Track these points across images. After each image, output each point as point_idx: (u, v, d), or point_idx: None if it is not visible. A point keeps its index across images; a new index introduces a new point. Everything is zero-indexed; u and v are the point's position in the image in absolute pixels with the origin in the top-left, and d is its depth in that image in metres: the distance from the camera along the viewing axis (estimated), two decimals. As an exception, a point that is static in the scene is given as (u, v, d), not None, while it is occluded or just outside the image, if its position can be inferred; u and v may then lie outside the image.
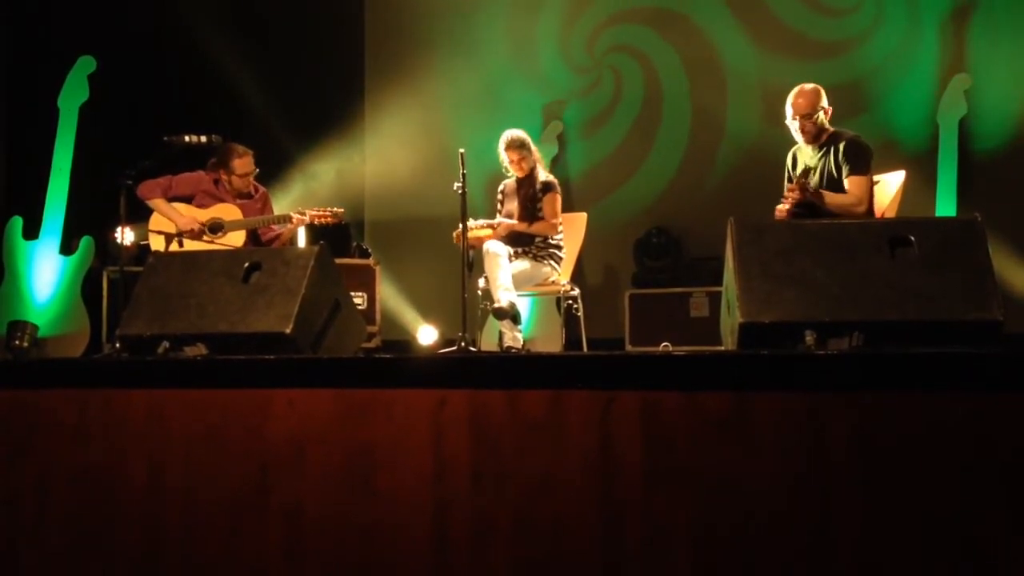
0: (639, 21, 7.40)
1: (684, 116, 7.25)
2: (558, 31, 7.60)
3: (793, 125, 4.68)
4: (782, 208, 4.61)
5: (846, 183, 4.56)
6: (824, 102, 4.65)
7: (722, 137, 7.11)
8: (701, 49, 7.22)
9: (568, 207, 6.52)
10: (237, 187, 5.38)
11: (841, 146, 4.59)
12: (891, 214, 4.83)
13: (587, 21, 7.53)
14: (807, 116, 4.63)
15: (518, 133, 5.51)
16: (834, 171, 4.61)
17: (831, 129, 4.69)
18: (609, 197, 7.32)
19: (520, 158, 5.45)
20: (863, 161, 4.56)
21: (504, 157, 5.48)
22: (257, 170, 5.43)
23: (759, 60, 7.03)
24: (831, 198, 4.56)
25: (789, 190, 4.57)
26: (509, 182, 5.61)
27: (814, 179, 4.60)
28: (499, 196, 5.67)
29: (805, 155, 4.74)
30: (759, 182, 4.71)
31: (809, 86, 4.70)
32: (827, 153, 4.64)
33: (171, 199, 5.32)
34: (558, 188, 5.51)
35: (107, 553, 2.69)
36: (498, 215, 5.61)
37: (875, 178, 4.94)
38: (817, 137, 4.67)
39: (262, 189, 5.56)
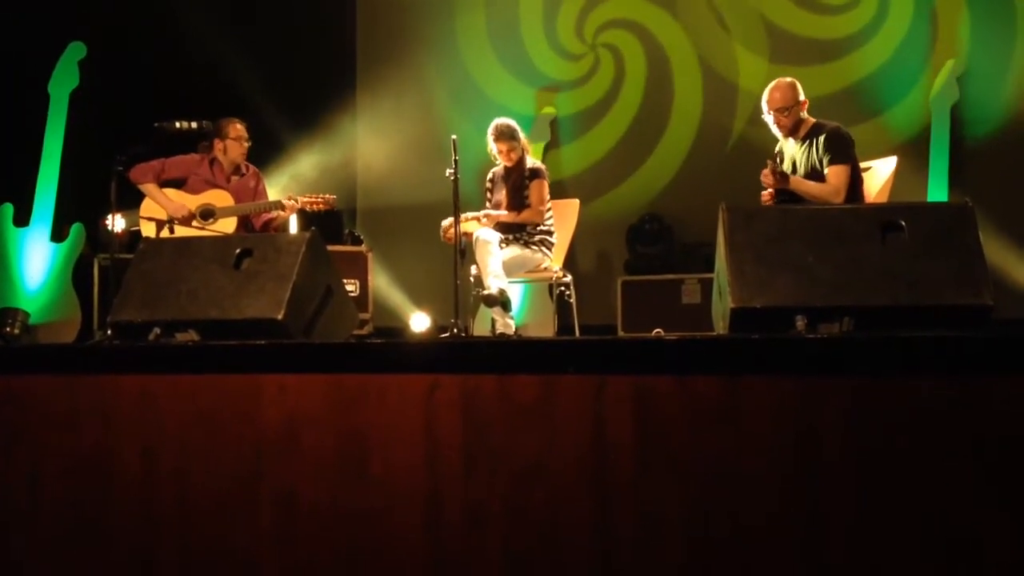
0: (631, 7, 7.39)
1: (678, 103, 7.24)
2: (550, 17, 7.58)
3: (769, 120, 4.73)
4: (766, 195, 4.65)
5: (826, 173, 4.57)
6: (799, 95, 4.68)
7: (716, 124, 7.10)
8: (694, 36, 7.21)
9: (561, 194, 6.51)
10: (233, 155, 5.36)
11: (822, 138, 4.61)
12: (883, 200, 4.84)
13: (579, 7, 7.51)
14: (781, 110, 4.66)
15: (507, 122, 5.48)
16: (816, 163, 4.62)
17: (812, 121, 4.71)
18: (602, 184, 7.32)
19: (509, 148, 5.44)
20: (843, 151, 4.57)
21: (492, 147, 5.47)
22: (250, 142, 5.42)
23: (752, 47, 7.02)
24: (808, 186, 4.58)
25: (763, 180, 4.60)
26: (497, 170, 5.60)
27: (786, 165, 4.62)
28: (487, 184, 5.66)
29: (788, 149, 4.77)
30: (752, 169, 4.71)
31: (785, 80, 4.73)
32: (809, 145, 4.66)
33: (163, 183, 5.30)
34: (545, 175, 5.50)
35: (101, 539, 2.69)
36: (487, 203, 5.60)
37: (867, 164, 4.95)
38: (794, 130, 4.69)
39: (253, 168, 5.54)
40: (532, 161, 5.56)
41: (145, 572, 2.64)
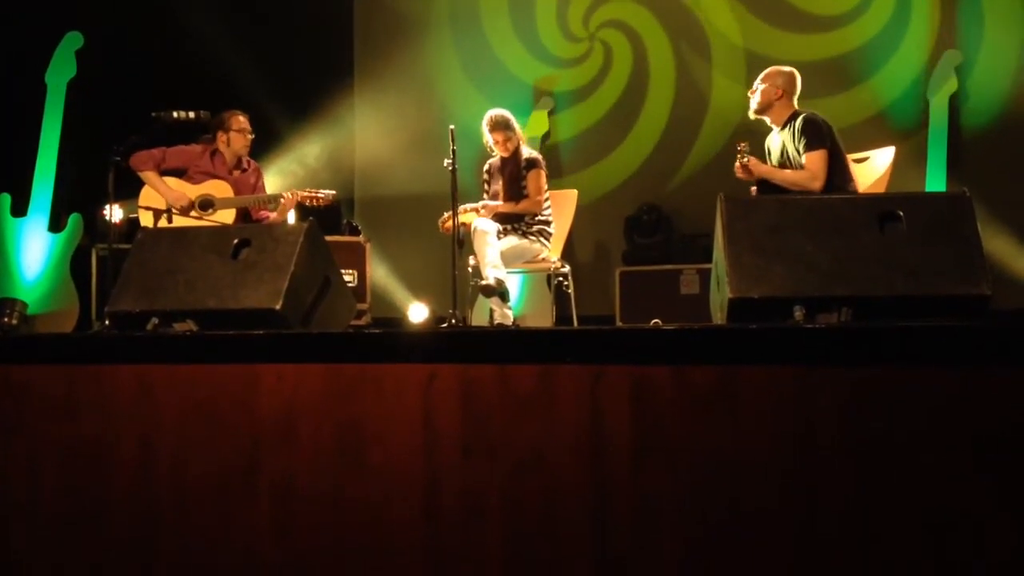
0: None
1: (675, 93, 7.24)
2: (550, 6, 7.57)
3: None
4: (753, 189, 4.68)
5: (803, 159, 4.58)
6: (781, 81, 4.71)
7: (713, 114, 7.10)
8: (691, 26, 7.20)
9: (559, 184, 6.52)
10: (237, 147, 5.36)
11: (797, 124, 4.62)
12: (881, 190, 4.85)
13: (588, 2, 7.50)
14: (761, 82, 4.73)
15: (501, 113, 5.50)
16: (794, 151, 4.63)
17: (793, 109, 4.73)
18: (600, 174, 7.31)
19: (504, 138, 5.44)
20: (817, 136, 4.57)
21: (488, 138, 5.47)
22: (253, 134, 5.41)
23: (749, 36, 7.01)
24: (782, 174, 4.60)
25: (736, 171, 4.64)
26: (494, 161, 5.61)
27: (745, 155, 4.66)
28: (484, 176, 5.67)
29: (775, 140, 4.80)
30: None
31: (780, 66, 4.79)
32: (789, 133, 4.68)
33: (163, 172, 5.30)
34: (542, 164, 5.51)
35: (99, 529, 2.69)
36: (484, 195, 5.60)
37: (865, 154, 4.96)
38: (763, 111, 4.74)
39: (255, 164, 5.54)
40: (528, 151, 5.57)
41: (144, 562, 2.64)
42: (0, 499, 2.79)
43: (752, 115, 4.78)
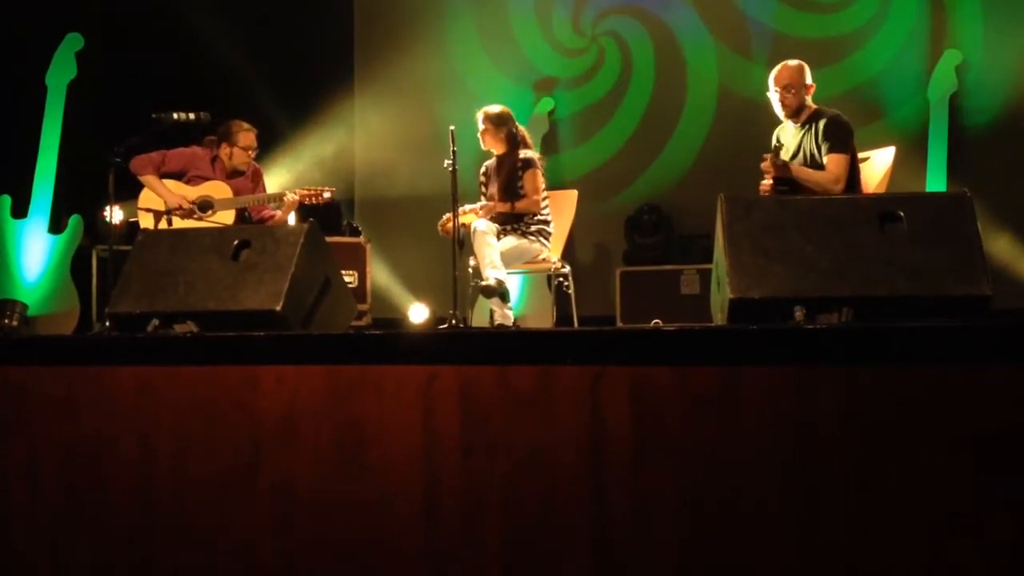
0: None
1: (675, 92, 7.24)
2: (551, 7, 7.57)
3: (774, 97, 4.68)
4: (765, 184, 4.62)
5: (825, 161, 4.55)
6: (807, 78, 4.65)
7: (713, 113, 7.10)
8: (691, 24, 7.20)
9: (559, 184, 6.51)
10: (237, 162, 5.36)
11: (821, 124, 4.58)
12: (882, 190, 4.84)
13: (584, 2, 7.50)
14: (787, 88, 4.63)
15: (491, 108, 5.45)
16: (815, 150, 4.60)
17: (813, 107, 4.68)
18: (600, 174, 7.31)
19: (494, 130, 5.37)
20: (842, 139, 4.54)
21: (479, 127, 5.43)
22: (257, 149, 5.42)
23: (750, 36, 7.01)
24: (807, 174, 4.56)
25: (764, 168, 4.58)
26: (490, 163, 5.57)
27: (785, 155, 4.61)
28: (481, 178, 5.63)
29: (788, 134, 4.75)
30: (750, 159, 4.70)
31: (792, 62, 4.70)
32: (808, 131, 4.64)
33: (163, 174, 5.30)
34: (538, 164, 5.44)
35: (98, 530, 2.69)
36: (482, 197, 5.58)
37: (865, 155, 4.94)
38: (797, 112, 4.66)
39: (254, 166, 5.54)
40: (525, 152, 5.51)
41: (143, 562, 2.64)
42: (0, 499, 2.79)
43: (786, 119, 4.70)
